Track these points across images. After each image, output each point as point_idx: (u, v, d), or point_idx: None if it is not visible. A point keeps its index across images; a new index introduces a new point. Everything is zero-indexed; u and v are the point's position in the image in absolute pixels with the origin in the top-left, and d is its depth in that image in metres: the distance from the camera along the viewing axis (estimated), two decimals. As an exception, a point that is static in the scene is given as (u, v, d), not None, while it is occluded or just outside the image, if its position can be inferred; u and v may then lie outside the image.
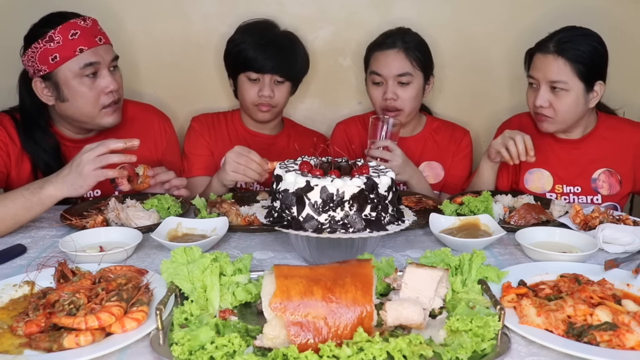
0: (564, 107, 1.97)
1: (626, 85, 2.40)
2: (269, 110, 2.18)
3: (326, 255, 1.36)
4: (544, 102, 1.97)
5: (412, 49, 2.13)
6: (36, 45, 1.78)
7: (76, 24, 1.80)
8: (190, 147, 2.28)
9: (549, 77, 1.95)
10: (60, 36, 1.77)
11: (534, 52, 2.03)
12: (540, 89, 1.98)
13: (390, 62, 2.12)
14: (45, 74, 1.81)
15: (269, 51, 2.11)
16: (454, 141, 2.33)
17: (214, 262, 1.19)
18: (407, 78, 2.13)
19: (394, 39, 2.15)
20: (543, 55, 1.97)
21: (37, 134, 1.91)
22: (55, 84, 1.82)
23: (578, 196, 2.11)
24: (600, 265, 1.38)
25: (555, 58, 1.93)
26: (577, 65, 1.92)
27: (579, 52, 1.93)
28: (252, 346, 1.02)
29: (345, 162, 1.43)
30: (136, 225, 1.63)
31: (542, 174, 2.15)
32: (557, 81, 1.94)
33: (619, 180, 2.11)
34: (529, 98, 2.06)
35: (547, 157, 2.14)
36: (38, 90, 1.85)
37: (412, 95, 2.15)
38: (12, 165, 1.91)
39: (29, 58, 1.80)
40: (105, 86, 1.84)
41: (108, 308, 1.08)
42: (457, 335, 1.04)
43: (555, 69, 1.93)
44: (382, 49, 2.15)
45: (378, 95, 2.16)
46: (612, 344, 1.04)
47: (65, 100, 1.84)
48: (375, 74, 2.15)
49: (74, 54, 1.78)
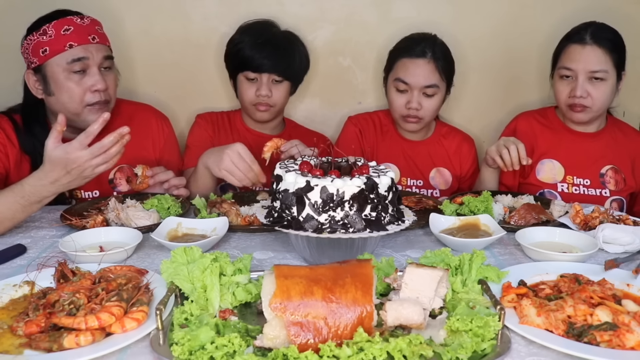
0: (602, 96, 2.02)
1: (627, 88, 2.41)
2: (267, 109, 2.18)
3: (326, 255, 1.36)
4: (583, 92, 2.00)
5: (440, 59, 2.11)
6: (31, 37, 1.79)
7: (72, 20, 1.79)
8: (194, 140, 2.28)
9: (590, 67, 1.99)
10: (53, 30, 1.77)
11: (566, 44, 2.06)
12: (578, 80, 2.01)
13: (420, 72, 2.09)
14: (36, 67, 1.81)
15: (266, 50, 2.10)
16: (460, 151, 2.33)
17: (214, 262, 1.19)
18: (434, 90, 2.11)
19: (424, 47, 2.10)
20: (581, 46, 2.01)
21: (36, 129, 1.91)
22: (44, 77, 1.82)
23: (587, 188, 2.13)
24: (600, 265, 1.38)
25: (596, 48, 1.99)
26: (613, 54, 1.99)
27: (612, 42, 2.00)
28: (252, 346, 1.02)
29: (345, 162, 1.43)
30: (136, 225, 1.63)
31: (554, 165, 2.17)
32: (598, 70, 1.98)
33: (623, 178, 2.14)
34: (561, 92, 2.08)
35: (559, 148, 2.17)
36: (30, 83, 1.86)
37: (436, 106, 2.15)
38: (11, 167, 1.91)
39: (25, 50, 1.82)
40: (92, 84, 1.82)
41: (108, 308, 1.08)
42: (457, 335, 1.04)
43: (596, 58, 1.98)
44: (412, 57, 2.11)
45: (401, 103, 2.13)
46: (612, 344, 1.04)
47: (52, 95, 1.83)
48: (401, 81, 2.11)
49: (63, 48, 1.78)
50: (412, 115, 2.13)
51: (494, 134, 2.51)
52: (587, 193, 2.12)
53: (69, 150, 1.50)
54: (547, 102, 2.34)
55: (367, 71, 2.52)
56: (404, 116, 2.15)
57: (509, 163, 1.90)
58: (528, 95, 2.55)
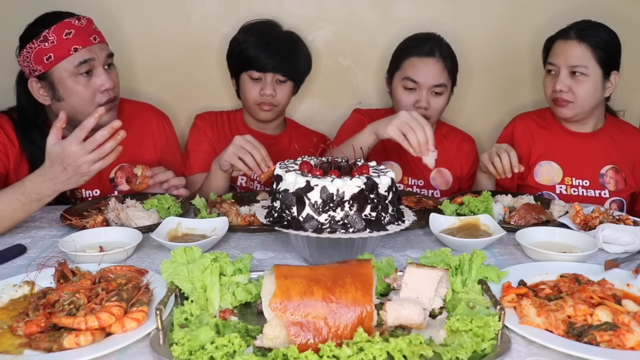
0: (583, 92, 2.02)
1: (627, 88, 2.41)
2: (270, 109, 2.19)
3: (326, 255, 1.36)
4: (563, 86, 2.02)
5: (447, 59, 2.13)
6: (31, 45, 1.77)
7: (70, 23, 1.79)
8: (193, 145, 2.28)
9: (570, 62, 2.00)
10: (54, 36, 1.76)
11: (554, 40, 2.08)
12: (560, 74, 2.02)
13: (429, 71, 2.10)
14: (40, 74, 1.80)
15: (271, 50, 2.11)
16: (461, 151, 2.34)
17: (214, 262, 1.19)
18: (442, 89, 2.12)
19: (432, 47, 2.11)
20: (564, 42, 2.03)
21: (35, 135, 1.90)
22: (51, 83, 1.81)
23: (587, 189, 2.13)
24: (600, 265, 1.38)
25: (577, 44, 2.00)
26: (597, 51, 1.99)
27: (599, 39, 2.00)
28: (252, 346, 1.02)
29: (345, 162, 1.43)
30: (136, 225, 1.63)
31: (552, 167, 2.17)
32: (578, 65, 1.99)
33: (624, 178, 2.14)
34: (547, 86, 2.10)
35: (557, 149, 2.17)
36: (34, 91, 1.84)
37: (443, 105, 2.17)
38: (10, 166, 1.91)
39: (24, 58, 1.80)
40: (100, 84, 1.83)
41: (108, 308, 1.08)
42: (457, 335, 1.04)
43: (577, 54, 2.00)
44: (420, 56, 2.11)
45: (409, 102, 2.13)
46: (612, 344, 1.03)
47: (61, 100, 1.83)
48: (410, 80, 2.11)
49: (68, 53, 1.77)
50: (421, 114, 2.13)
51: (493, 134, 2.52)
52: (586, 194, 2.12)
53: (65, 146, 1.51)
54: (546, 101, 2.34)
55: (367, 71, 2.53)
56: None
57: (501, 171, 1.91)
58: (528, 95, 2.55)
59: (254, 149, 1.79)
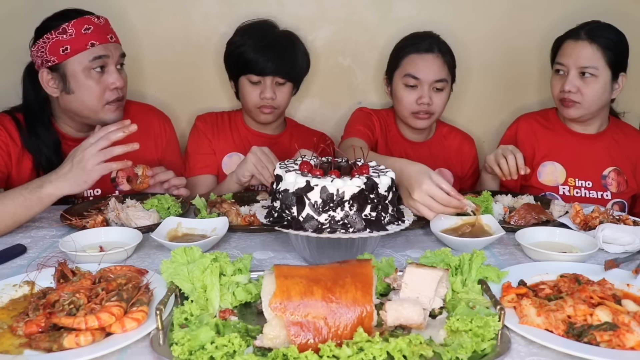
0: (592, 93, 2.01)
1: (628, 89, 2.41)
2: (271, 112, 2.18)
3: (326, 255, 1.36)
4: (572, 87, 2.01)
5: (446, 54, 2.14)
6: (48, 36, 1.79)
7: (90, 20, 1.82)
8: (193, 146, 2.28)
9: (580, 63, 1.99)
10: (73, 29, 1.79)
11: (563, 40, 2.07)
12: (569, 75, 2.01)
13: (430, 66, 2.11)
14: (53, 65, 1.82)
15: (269, 53, 2.10)
16: (461, 151, 2.34)
17: (214, 262, 1.19)
18: (443, 84, 2.13)
19: (431, 43, 2.13)
20: (574, 42, 2.02)
21: (40, 129, 1.92)
22: (63, 75, 1.83)
23: (589, 191, 2.13)
24: (600, 265, 1.38)
25: (588, 44, 1.99)
26: (607, 52, 1.98)
27: (610, 40, 1.99)
28: (252, 346, 1.02)
29: (345, 162, 1.43)
30: (136, 225, 1.63)
31: (555, 167, 2.16)
32: (588, 67, 1.98)
33: (625, 180, 2.14)
34: (554, 86, 2.09)
35: (561, 150, 2.16)
36: (44, 82, 1.86)
37: (444, 101, 2.17)
38: (12, 165, 1.91)
39: (39, 49, 1.81)
40: (112, 82, 1.86)
41: (108, 308, 1.08)
42: (457, 335, 1.04)
43: (587, 54, 1.99)
44: (420, 52, 2.12)
45: (411, 99, 2.13)
46: (612, 344, 1.03)
47: (71, 93, 1.85)
48: (411, 77, 2.11)
49: (85, 47, 1.80)
50: (423, 111, 2.13)
51: (494, 134, 2.52)
52: (589, 196, 2.12)
53: (83, 142, 1.62)
54: (548, 102, 2.34)
55: (367, 71, 2.52)
56: (415, 112, 2.15)
57: (507, 172, 1.91)
58: (529, 96, 2.55)
59: (270, 163, 1.84)
